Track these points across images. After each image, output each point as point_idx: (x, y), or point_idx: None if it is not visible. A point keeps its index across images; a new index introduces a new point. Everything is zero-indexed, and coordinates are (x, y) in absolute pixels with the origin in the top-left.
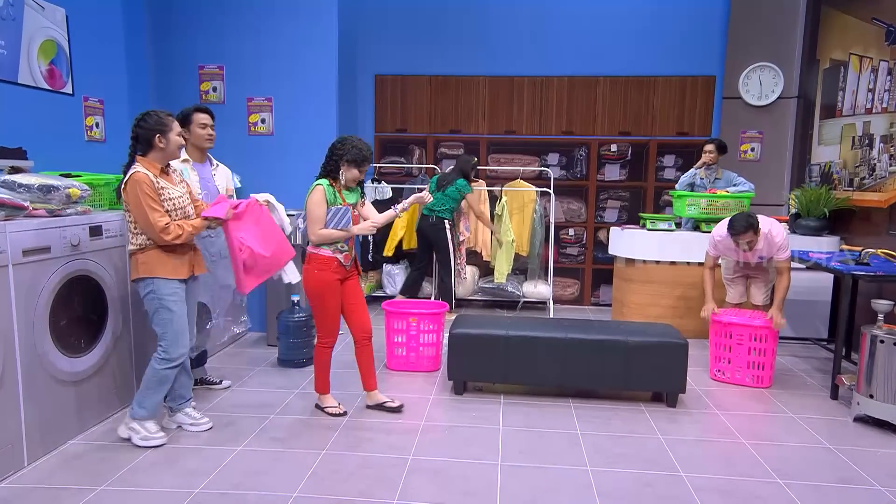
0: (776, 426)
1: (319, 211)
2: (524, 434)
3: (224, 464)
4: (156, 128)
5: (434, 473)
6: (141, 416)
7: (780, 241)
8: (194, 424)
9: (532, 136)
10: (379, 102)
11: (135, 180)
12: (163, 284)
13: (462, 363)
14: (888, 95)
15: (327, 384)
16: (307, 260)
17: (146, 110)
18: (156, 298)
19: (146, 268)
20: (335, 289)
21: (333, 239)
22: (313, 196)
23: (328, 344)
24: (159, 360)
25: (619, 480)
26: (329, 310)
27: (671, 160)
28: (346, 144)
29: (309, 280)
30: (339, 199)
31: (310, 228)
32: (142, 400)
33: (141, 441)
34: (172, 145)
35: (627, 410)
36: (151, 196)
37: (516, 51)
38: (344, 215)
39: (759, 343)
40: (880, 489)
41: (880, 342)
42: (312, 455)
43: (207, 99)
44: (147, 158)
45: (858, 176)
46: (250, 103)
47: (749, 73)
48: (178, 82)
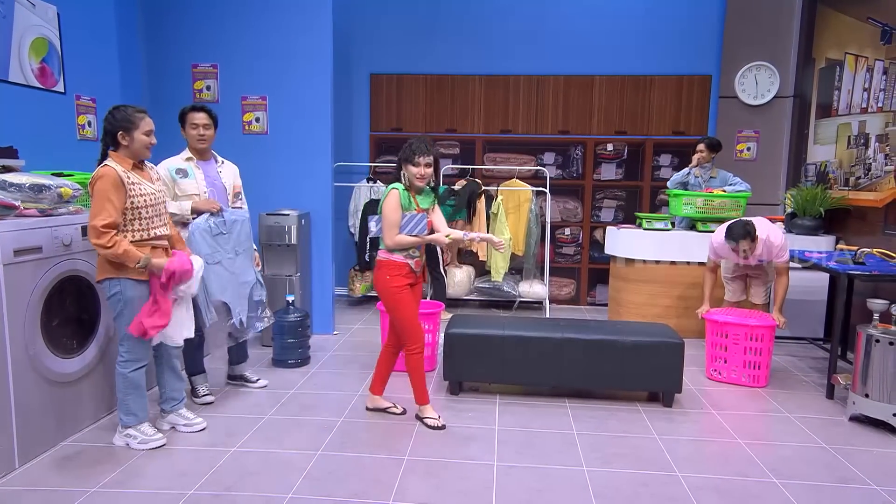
0: (772, 426)
1: (395, 216)
2: (520, 434)
3: (218, 465)
4: (121, 124)
5: (429, 474)
6: (132, 423)
7: (779, 244)
8: (188, 425)
9: (528, 135)
10: (374, 101)
11: (99, 174)
12: (130, 286)
13: (458, 363)
14: (883, 95)
15: (426, 393)
16: (378, 266)
17: (118, 104)
18: (121, 300)
19: (114, 268)
20: (408, 293)
21: (408, 245)
22: (389, 201)
23: (418, 350)
24: (123, 364)
25: (615, 480)
26: (408, 314)
27: (667, 159)
28: (406, 145)
29: (383, 287)
30: (413, 204)
31: (386, 234)
32: (125, 408)
33: (140, 445)
34: (137, 144)
35: (623, 410)
36: (112, 193)
37: (512, 50)
38: (420, 222)
39: (755, 342)
40: (876, 489)
41: (876, 341)
42: (307, 456)
43: (201, 97)
44: (118, 153)
45: (854, 175)
46: (244, 102)
47: (745, 73)
48: (172, 81)
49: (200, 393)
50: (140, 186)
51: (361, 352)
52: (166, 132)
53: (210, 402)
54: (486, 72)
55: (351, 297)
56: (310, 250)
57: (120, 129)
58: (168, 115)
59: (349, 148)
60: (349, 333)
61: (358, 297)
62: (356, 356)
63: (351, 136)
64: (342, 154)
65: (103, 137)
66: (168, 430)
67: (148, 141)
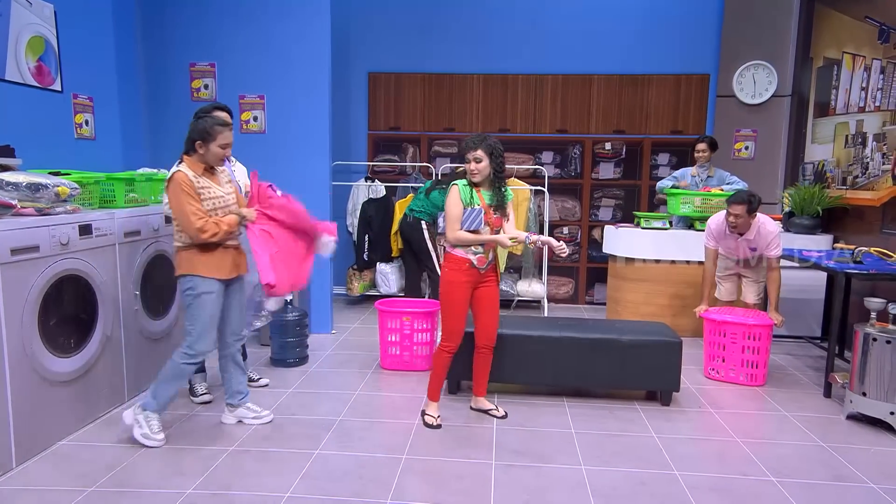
0: (770, 424)
1: (455, 210)
2: (518, 433)
3: (216, 464)
4: (201, 134)
5: (428, 473)
6: (151, 408)
7: (772, 232)
8: (257, 417)
9: (526, 134)
10: (372, 100)
11: (173, 180)
12: (201, 282)
13: (456, 362)
14: (881, 94)
15: (439, 391)
16: (444, 258)
17: (206, 110)
18: (192, 294)
19: (188, 264)
20: (462, 291)
21: (466, 241)
22: (449, 196)
23: (449, 349)
24: (181, 354)
25: (613, 479)
26: (453, 311)
27: (665, 158)
28: (464, 144)
29: (441, 279)
30: (475, 200)
31: (448, 228)
32: (156, 391)
33: (140, 437)
34: (211, 155)
35: (622, 409)
36: (189, 195)
37: (511, 49)
38: (476, 217)
39: (753, 341)
40: (873, 487)
41: (873, 340)
42: (305, 455)
43: (199, 96)
44: (192, 158)
45: (851, 174)
46: (242, 101)
47: (743, 72)
48: (169, 79)
49: (198, 392)
50: (209, 190)
51: (360, 351)
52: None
53: (208, 401)
54: (485, 70)
55: (349, 296)
56: None
57: (199, 138)
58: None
59: (347, 147)
60: (347, 332)
61: (356, 297)
62: (354, 355)
63: (349, 134)
64: (340, 153)
65: (186, 140)
66: (234, 424)
67: (222, 153)
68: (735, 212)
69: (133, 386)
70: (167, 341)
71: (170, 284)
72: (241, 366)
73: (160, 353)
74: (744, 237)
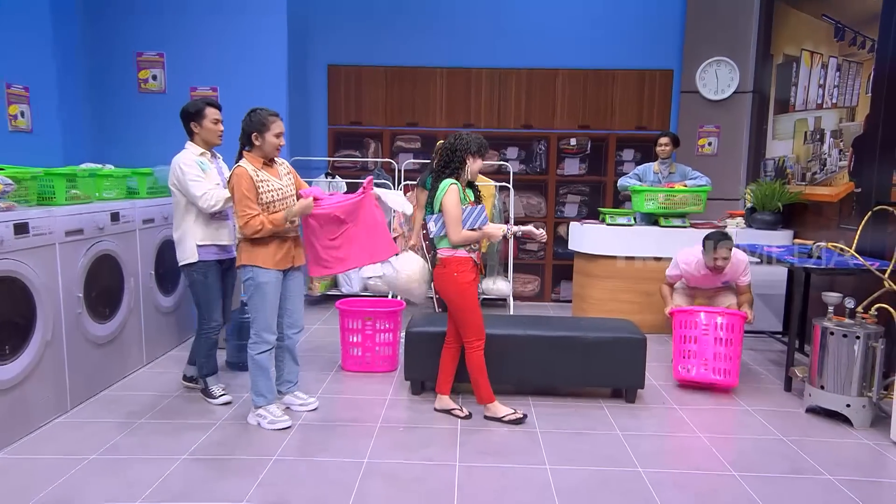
0: (732, 419)
1: (458, 211)
2: (482, 433)
3: (167, 473)
4: (255, 126)
5: (390, 476)
6: (262, 403)
7: (742, 261)
8: (303, 404)
9: (490, 129)
10: (332, 94)
11: (234, 174)
12: (260, 272)
13: (419, 362)
14: (837, 91)
15: (490, 390)
16: (443, 264)
17: (255, 107)
18: (253, 285)
19: (248, 256)
20: (475, 287)
21: (473, 240)
22: (450, 197)
23: (481, 345)
24: (252, 346)
25: (577, 478)
26: (476, 310)
27: (630, 154)
28: (466, 138)
29: (450, 284)
30: (466, 198)
31: (451, 230)
32: (256, 389)
33: (269, 425)
34: (268, 145)
35: (586, 407)
36: (246, 190)
37: (475, 42)
38: (479, 214)
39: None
40: (829, 478)
41: (830, 334)
42: (261, 462)
43: (147, 88)
44: (251, 153)
45: (810, 170)
46: (194, 93)
47: (706, 68)
48: (114, 70)
49: (216, 394)
50: (269, 183)
51: (321, 353)
52: (109, 124)
53: (227, 401)
54: (449, 64)
55: (310, 296)
56: None
57: (254, 130)
58: (110, 105)
59: (307, 142)
60: (308, 333)
61: (317, 297)
62: (315, 357)
63: (308, 129)
64: (299, 148)
65: (241, 137)
66: (283, 411)
67: (277, 142)
68: (724, 255)
69: (78, 394)
70: (116, 346)
71: (117, 286)
72: (296, 357)
73: (108, 359)
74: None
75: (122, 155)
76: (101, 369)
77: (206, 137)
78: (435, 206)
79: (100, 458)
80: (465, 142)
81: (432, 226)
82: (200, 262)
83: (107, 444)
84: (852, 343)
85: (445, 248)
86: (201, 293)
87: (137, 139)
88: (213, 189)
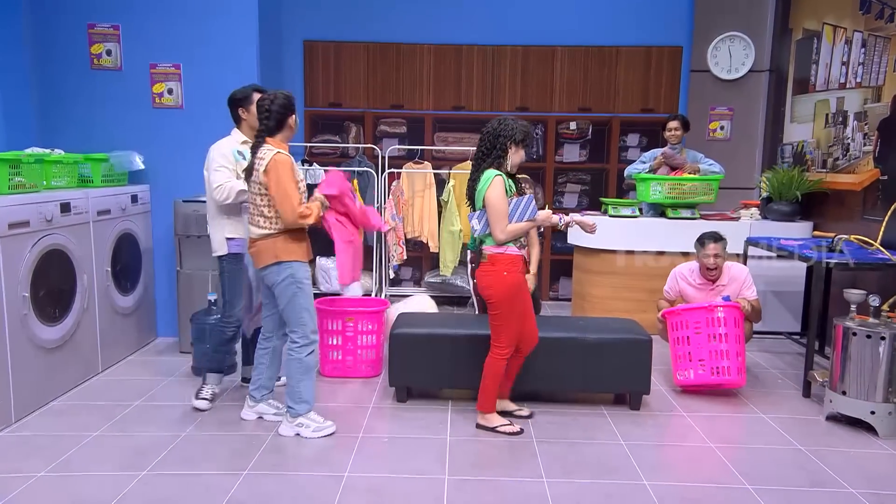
0: (746, 427)
1: (506, 205)
2: (474, 444)
3: (125, 491)
4: (289, 109)
5: (372, 492)
6: (304, 411)
7: (742, 272)
8: (278, 414)
9: (483, 112)
10: (309, 73)
11: (277, 162)
12: (300, 268)
13: (405, 367)
14: (862, 69)
15: (495, 401)
16: (490, 261)
17: (272, 91)
18: (294, 282)
19: (285, 252)
20: (525, 291)
21: (522, 232)
22: (495, 190)
23: (508, 355)
24: (300, 348)
25: (577, 492)
26: (517, 315)
27: (635, 139)
28: (509, 125)
29: (497, 285)
30: (511, 190)
31: (497, 226)
32: (297, 396)
33: (314, 434)
34: (293, 130)
35: (587, 414)
36: (292, 178)
37: (465, 16)
38: (529, 204)
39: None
40: (852, 492)
41: (853, 335)
42: (231, 477)
43: (100, 64)
44: (277, 140)
45: (832, 156)
46: (154, 71)
47: (718, 44)
48: (62, 43)
49: (203, 395)
50: (298, 172)
51: None
52: (58, 104)
53: (205, 408)
54: (436, 40)
55: None
56: None
57: (289, 112)
58: (60, 84)
59: None
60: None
61: None
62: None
63: None
64: None
65: (269, 120)
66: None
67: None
68: (713, 251)
69: (24, 405)
70: (67, 351)
71: (68, 284)
72: (280, 361)
73: (58, 365)
74: (716, 284)
75: (73, 139)
76: (51, 377)
77: (254, 124)
78: (477, 202)
79: (49, 476)
80: (510, 128)
81: (475, 223)
82: (230, 255)
83: (57, 460)
84: (877, 344)
85: (491, 245)
86: (227, 285)
87: (90, 121)
88: (230, 182)
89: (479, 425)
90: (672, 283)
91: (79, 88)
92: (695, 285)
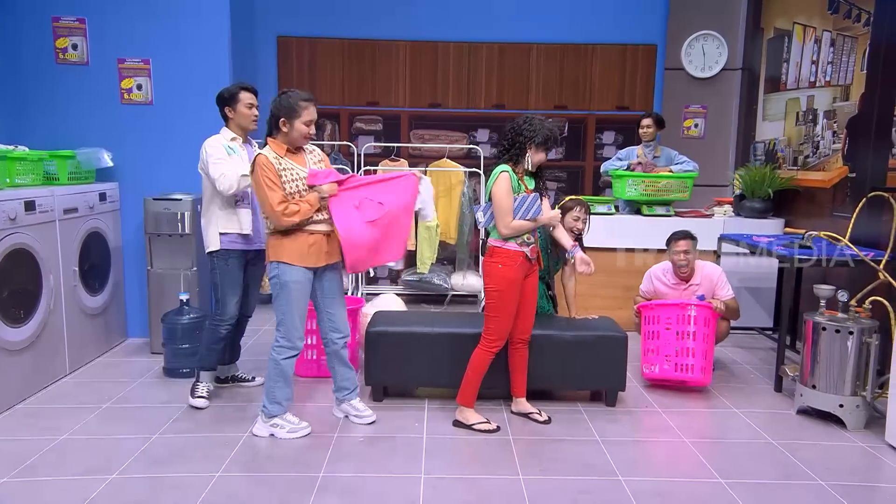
0: (719, 422)
1: (509, 201)
2: (450, 442)
3: (92, 496)
4: (286, 111)
5: (347, 492)
6: (278, 413)
7: (715, 271)
8: (358, 416)
9: (459, 109)
10: (283, 69)
11: (255, 163)
12: (286, 270)
13: (381, 365)
14: (831, 68)
15: (475, 397)
16: (490, 253)
17: (288, 89)
18: (278, 283)
19: (274, 250)
20: (518, 287)
21: (525, 230)
22: (500, 185)
23: (495, 348)
24: (278, 350)
25: (553, 489)
26: (507, 310)
27: (611, 137)
28: (534, 125)
29: (492, 275)
30: (522, 187)
31: (500, 220)
32: (272, 396)
33: (289, 434)
34: (296, 133)
35: (564, 411)
36: (271, 178)
37: (440, 12)
38: (533, 203)
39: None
40: (821, 483)
41: (822, 329)
42: (203, 479)
43: (66, 59)
44: (275, 139)
45: (803, 154)
46: (122, 66)
47: (692, 42)
48: (26, 37)
49: (197, 392)
50: (291, 171)
51: None
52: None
53: (203, 406)
54: (412, 37)
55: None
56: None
57: (284, 115)
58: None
59: None
60: (256, 336)
61: (267, 295)
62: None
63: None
64: None
65: (268, 120)
66: (342, 419)
67: (307, 131)
68: (682, 248)
69: None
70: (32, 353)
71: (33, 284)
72: (345, 361)
73: (23, 368)
74: (689, 283)
75: (38, 135)
76: (16, 379)
77: (241, 122)
78: (485, 195)
79: (13, 482)
80: (532, 130)
81: (480, 215)
82: (222, 251)
83: (22, 465)
84: (845, 339)
85: (496, 238)
86: (219, 282)
87: (56, 118)
88: (231, 171)
89: (456, 422)
90: (647, 284)
91: (44, 84)
92: (669, 285)
